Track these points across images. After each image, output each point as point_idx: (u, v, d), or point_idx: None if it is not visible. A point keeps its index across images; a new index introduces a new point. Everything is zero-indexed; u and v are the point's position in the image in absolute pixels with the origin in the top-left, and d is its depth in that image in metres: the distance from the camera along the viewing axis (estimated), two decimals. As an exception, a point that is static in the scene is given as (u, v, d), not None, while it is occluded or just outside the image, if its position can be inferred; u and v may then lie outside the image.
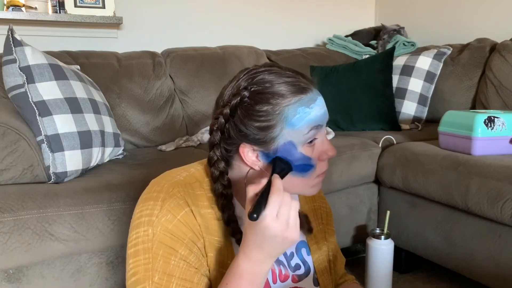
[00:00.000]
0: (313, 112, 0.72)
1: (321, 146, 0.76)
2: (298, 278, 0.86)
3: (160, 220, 0.71)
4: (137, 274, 0.70)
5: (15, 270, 1.12)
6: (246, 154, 0.73)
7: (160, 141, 1.90)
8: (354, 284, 0.99)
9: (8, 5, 1.82)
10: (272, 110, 0.70)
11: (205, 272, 0.74)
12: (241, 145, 0.73)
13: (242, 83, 0.73)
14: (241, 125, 0.72)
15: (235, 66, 2.15)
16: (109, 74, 1.85)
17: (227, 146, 0.75)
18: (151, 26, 2.23)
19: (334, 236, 0.99)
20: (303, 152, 0.73)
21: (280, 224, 0.64)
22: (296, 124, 0.71)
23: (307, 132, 0.72)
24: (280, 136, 0.71)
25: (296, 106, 0.71)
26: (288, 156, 0.72)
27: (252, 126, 0.71)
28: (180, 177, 0.77)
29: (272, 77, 0.72)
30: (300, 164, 0.74)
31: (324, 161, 0.77)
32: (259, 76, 0.73)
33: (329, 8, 2.80)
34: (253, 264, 0.67)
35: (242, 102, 0.72)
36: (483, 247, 1.39)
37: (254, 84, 0.72)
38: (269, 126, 0.71)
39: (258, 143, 0.72)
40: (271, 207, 0.63)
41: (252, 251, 0.67)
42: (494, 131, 1.45)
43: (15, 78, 1.32)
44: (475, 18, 2.41)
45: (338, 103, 2.13)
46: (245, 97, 0.72)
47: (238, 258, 0.68)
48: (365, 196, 1.78)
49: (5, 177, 1.20)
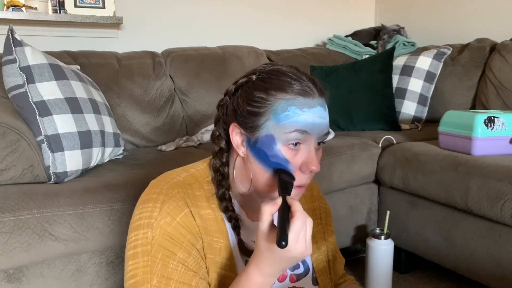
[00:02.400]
0: (303, 116, 0.71)
1: (306, 156, 0.73)
2: (297, 278, 0.86)
3: (159, 222, 0.71)
4: (136, 277, 0.71)
5: (15, 270, 1.12)
6: (235, 135, 0.76)
7: (160, 141, 1.90)
8: (353, 284, 0.99)
9: (8, 5, 1.82)
10: (266, 99, 0.72)
11: (204, 275, 0.74)
12: (232, 124, 0.75)
13: (258, 69, 0.77)
14: (236, 104, 0.75)
15: (235, 66, 2.15)
16: (109, 74, 1.85)
17: (224, 123, 0.78)
18: (151, 26, 2.23)
19: (334, 236, 0.99)
20: (281, 151, 0.72)
21: (301, 246, 0.65)
22: (282, 120, 0.71)
23: (289, 132, 0.71)
24: (264, 127, 0.72)
25: (288, 104, 0.71)
26: (266, 150, 0.73)
27: (244, 109, 0.74)
28: (179, 178, 0.78)
29: (284, 72, 0.74)
30: (275, 162, 0.73)
31: (304, 173, 0.74)
32: (274, 68, 0.76)
33: (329, 8, 2.80)
34: (265, 278, 0.68)
35: (246, 84, 0.75)
36: (483, 247, 1.39)
37: (264, 72, 0.75)
38: (257, 112, 0.73)
39: (246, 127, 0.74)
40: (295, 232, 0.64)
41: (266, 266, 0.68)
42: (494, 131, 1.45)
43: (15, 78, 1.32)
44: (475, 18, 2.41)
45: (338, 103, 2.13)
46: (250, 80, 0.75)
47: (250, 270, 0.69)
48: (365, 196, 1.78)
49: (5, 177, 1.20)
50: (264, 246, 0.66)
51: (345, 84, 2.15)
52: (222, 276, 0.75)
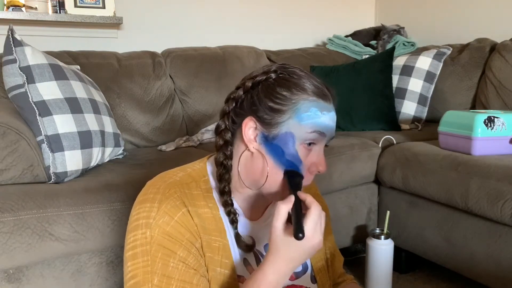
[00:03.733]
0: (323, 118, 0.75)
1: (316, 157, 0.77)
2: (296, 276, 0.86)
3: (158, 222, 0.71)
4: (136, 277, 0.70)
5: (15, 270, 1.12)
6: (248, 129, 0.75)
7: (160, 141, 1.90)
8: (352, 284, 0.99)
9: (8, 5, 1.82)
10: (290, 96, 0.73)
11: (204, 273, 0.74)
12: (247, 118, 0.75)
13: (273, 68, 0.77)
14: (257, 99, 0.75)
15: (235, 66, 2.15)
16: (109, 74, 1.85)
17: (236, 116, 0.77)
18: (151, 26, 2.23)
19: (332, 234, 0.99)
20: (298, 151, 0.74)
21: (317, 237, 0.69)
22: (304, 120, 0.73)
23: (310, 132, 0.74)
24: (285, 124, 0.73)
25: (311, 105, 0.74)
26: (283, 147, 0.74)
27: (266, 104, 0.74)
28: (176, 178, 0.78)
29: (303, 74, 0.76)
30: (289, 160, 0.74)
31: (312, 174, 0.78)
32: (291, 69, 0.77)
33: (329, 8, 2.80)
34: (280, 276, 0.70)
35: (267, 80, 0.75)
36: (483, 247, 1.39)
37: (284, 72, 0.76)
38: (280, 109, 0.73)
39: (264, 123, 0.74)
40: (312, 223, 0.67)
41: (283, 265, 0.69)
42: (494, 131, 1.45)
43: (15, 78, 1.32)
44: (475, 18, 2.41)
45: (338, 103, 2.12)
46: (271, 77, 0.76)
47: (266, 268, 0.69)
48: (365, 196, 1.78)
49: (5, 177, 1.20)
50: (282, 243, 0.68)
51: (345, 84, 2.15)
52: (221, 275, 0.75)
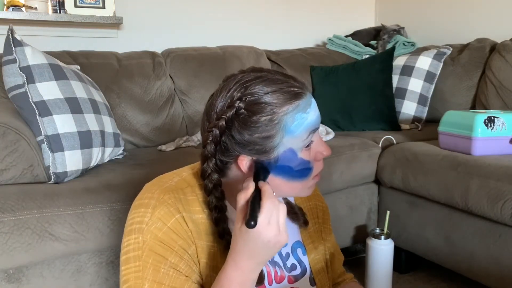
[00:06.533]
0: (310, 116, 0.72)
1: (316, 147, 0.76)
2: (294, 279, 0.86)
3: (150, 228, 0.71)
4: (128, 282, 0.71)
5: (15, 270, 1.12)
6: (245, 164, 0.72)
7: (160, 141, 1.90)
8: (353, 283, 0.99)
9: (8, 5, 1.82)
10: (270, 120, 0.69)
11: (197, 279, 0.74)
12: (239, 157, 0.72)
13: (235, 94, 0.71)
14: (239, 136, 0.70)
15: (235, 66, 2.15)
16: (109, 74, 1.85)
17: (224, 157, 0.74)
18: (151, 26, 2.23)
19: (332, 234, 0.99)
20: (302, 157, 0.73)
21: (272, 229, 0.64)
22: (295, 131, 0.71)
23: (306, 138, 0.72)
24: (281, 145, 0.71)
25: (293, 113, 0.70)
26: (289, 164, 0.72)
27: (251, 138, 0.70)
28: (171, 183, 0.77)
29: (265, 85, 0.70)
30: (300, 169, 0.74)
31: (319, 161, 0.77)
32: (251, 85, 0.70)
33: (329, 8, 2.79)
34: (243, 273, 0.67)
35: (238, 114, 0.70)
36: (483, 247, 1.39)
37: (247, 94, 0.70)
38: (269, 136, 0.70)
39: (259, 153, 0.71)
40: (265, 213, 0.63)
41: (242, 260, 0.67)
42: (494, 131, 1.45)
43: (15, 78, 1.32)
44: (475, 18, 2.41)
45: (338, 103, 2.14)
46: (240, 108, 0.70)
47: (227, 266, 0.68)
48: (365, 196, 1.78)
49: (5, 177, 1.20)
50: (239, 235, 0.65)
51: (345, 84, 2.15)
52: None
